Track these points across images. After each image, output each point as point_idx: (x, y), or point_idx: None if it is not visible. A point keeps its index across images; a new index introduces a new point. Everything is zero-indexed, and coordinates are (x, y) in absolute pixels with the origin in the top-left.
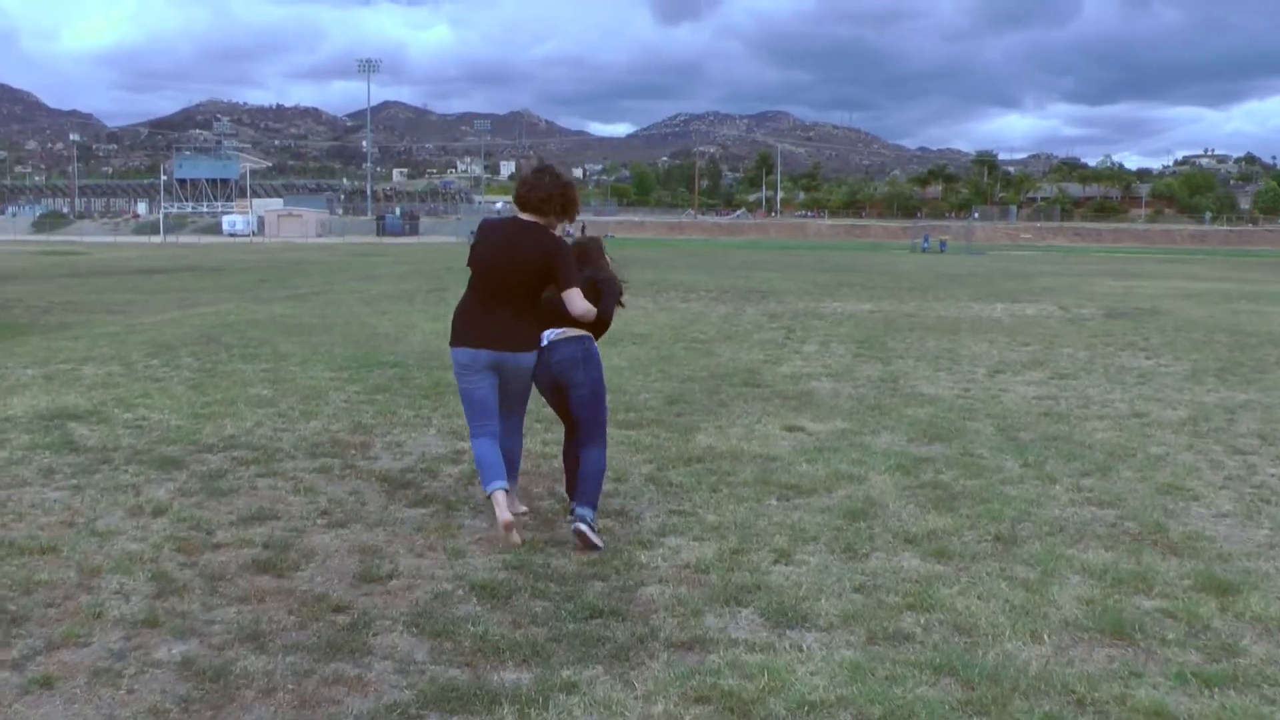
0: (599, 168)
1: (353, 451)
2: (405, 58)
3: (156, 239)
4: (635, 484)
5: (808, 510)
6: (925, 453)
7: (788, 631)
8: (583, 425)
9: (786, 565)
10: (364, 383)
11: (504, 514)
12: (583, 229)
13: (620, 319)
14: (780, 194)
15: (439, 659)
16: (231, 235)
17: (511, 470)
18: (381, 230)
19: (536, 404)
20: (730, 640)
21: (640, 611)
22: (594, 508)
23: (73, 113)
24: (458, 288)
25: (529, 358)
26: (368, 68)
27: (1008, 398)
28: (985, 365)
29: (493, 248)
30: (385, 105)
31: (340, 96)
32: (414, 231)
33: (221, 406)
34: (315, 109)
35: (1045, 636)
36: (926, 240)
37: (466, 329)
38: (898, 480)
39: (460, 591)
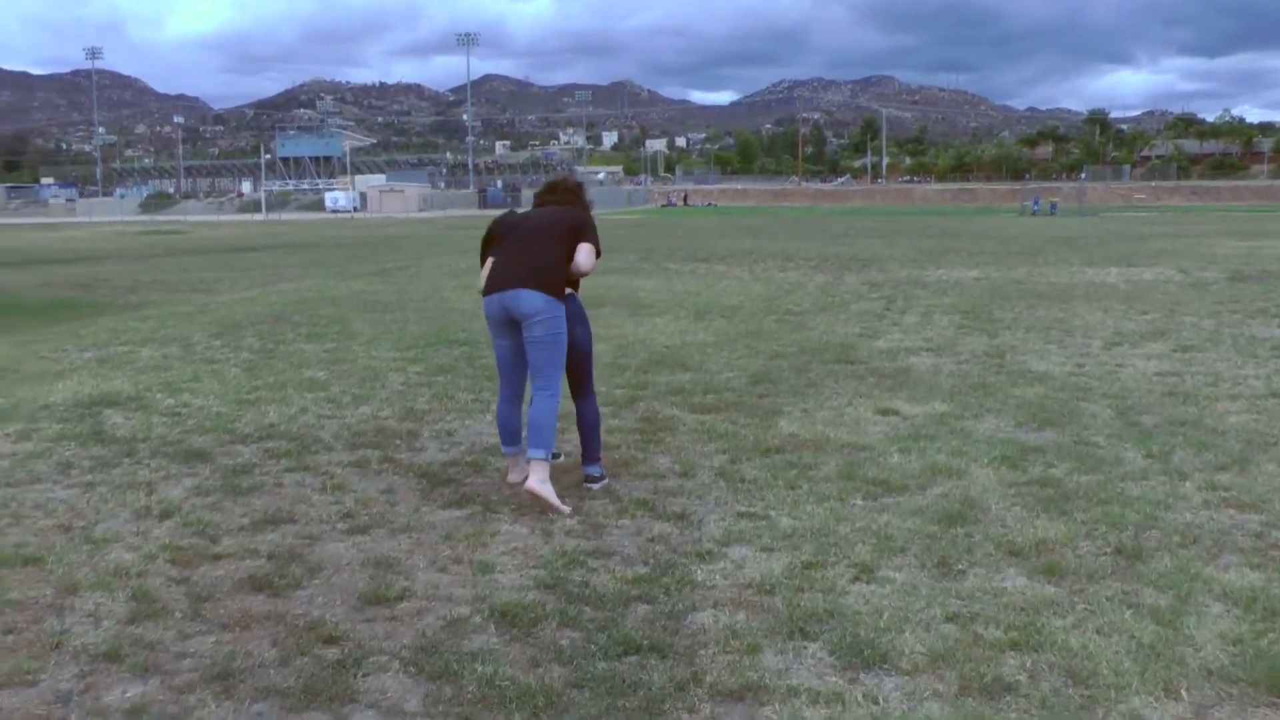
0: (702, 136)
1: (397, 442)
2: (506, 31)
3: (259, 217)
4: (703, 480)
5: (897, 512)
6: (1034, 441)
7: (862, 675)
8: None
9: (867, 584)
10: (427, 363)
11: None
12: (684, 199)
13: (712, 290)
14: (886, 159)
15: (432, 710)
16: (334, 212)
17: (537, 436)
18: (484, 203)
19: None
20: (790, 688)
21: (686, 646)
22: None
23: (180, 97)
24: None
25: (532, 295)
26: (467, 41)
27: (1126, 374)
28: (1100, 337)
29: (513, 220)
30: (487, 79)
31: (442, 71)
32: (516, 203)
33: (270, 391)
34: (417, 85)
35: (1182, 691)
36: (1036, 203)
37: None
38: (1002, 475)
39: (477, 618)
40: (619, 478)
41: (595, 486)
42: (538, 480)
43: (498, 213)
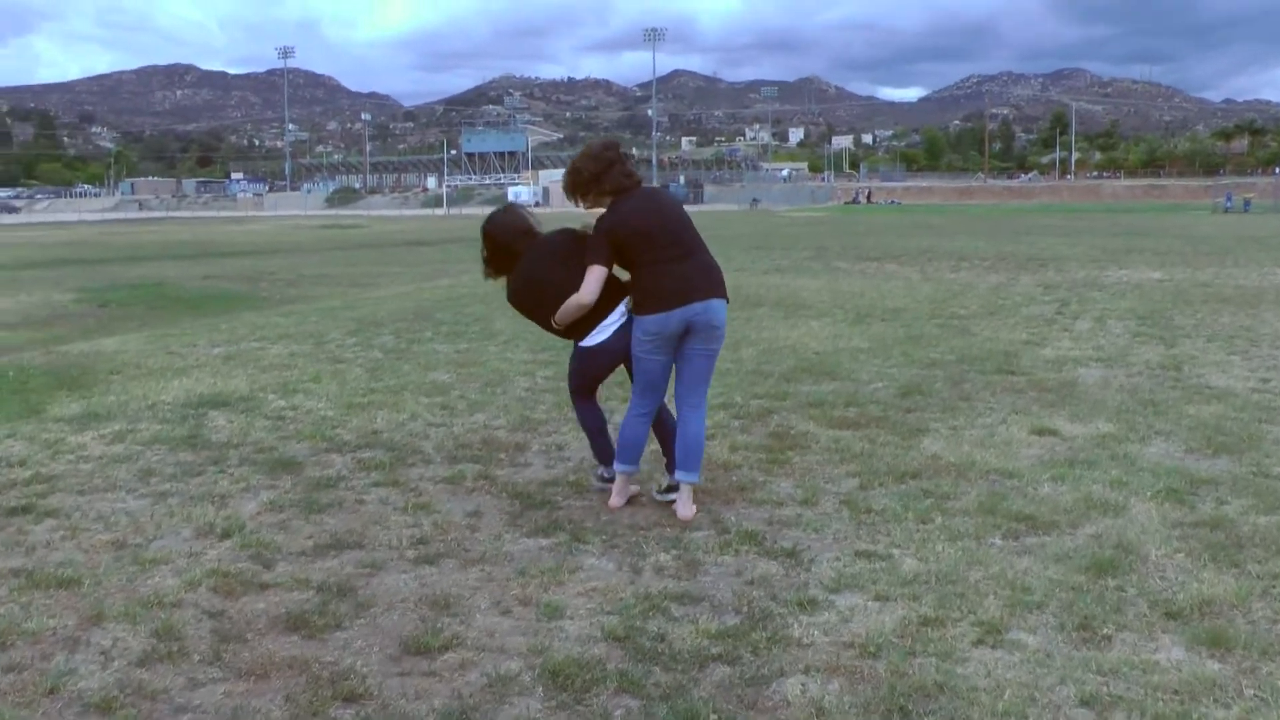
0: (889, 133)
1: (501, 456)
2: (695, 26)
3: (440, 211)
4: (825, 509)
5: (1040, 556)
6: (1206, 470)
7: None
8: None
9: (992, 648)
10: (559, 367)
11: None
12: (868, 196)
13: (877, 291)
14: (1075, 154)
15: None
16: None
17: (696, 459)
18: None
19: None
20: None
21: None
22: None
23: (371, 94)
24: (719, 258)
25: (722, 306)
26: (653, 37)
27: None
28: None
29: (645, 213)
30: (675, 74)
31: (631, 67)
32: (698, 199)
33: (385, 395)
34: (605, 80)
35: None
36: (1229, 199)
37: (665, 292)
38: (1165, 513)
39: (527, 676)
40: (733, 504)
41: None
42: (692, 508)
43: None
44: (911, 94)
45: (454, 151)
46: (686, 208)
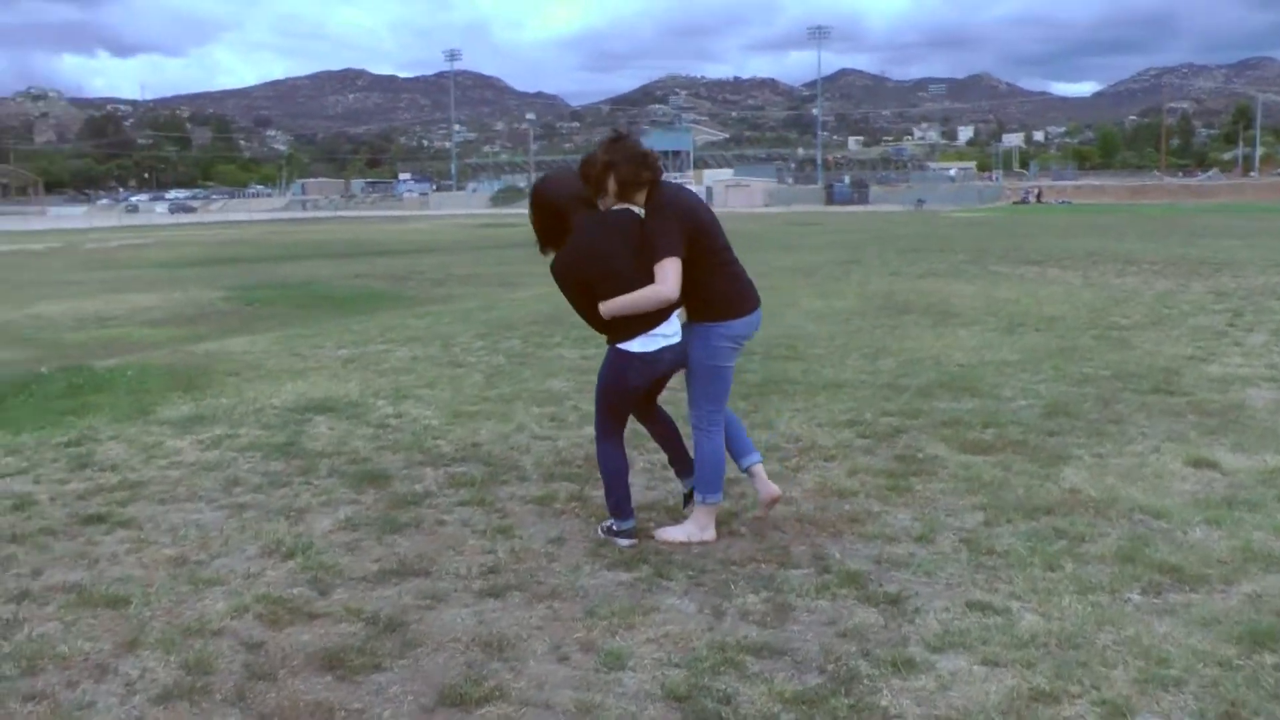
0: (1061, 130)
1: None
2: (863, 24)
3: None
4: (943, 547)
5: (1184, 619)
6: None
7: None
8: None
9: None
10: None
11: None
12: (1038, 195)
13: (1033, 297)
14: (1260, 150)
15: None
16: None
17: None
18: (830, 199)
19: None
20: None
21: None
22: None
23: (538, 94)
24: (873, 260)
25: None
26: (819, 34)
27: None
28: None
29: (702, 207)
30: (842, 73)
31: (798, 66)
32: (863, 200)
33: (497, 404)
34: (772, 80)
35: None
36: None
37: (746, 294)
38: None
39: None
40: (841, 537)
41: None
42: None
43: (839, 210)
44: (1085, 89)
45: None
46: (848, 209)
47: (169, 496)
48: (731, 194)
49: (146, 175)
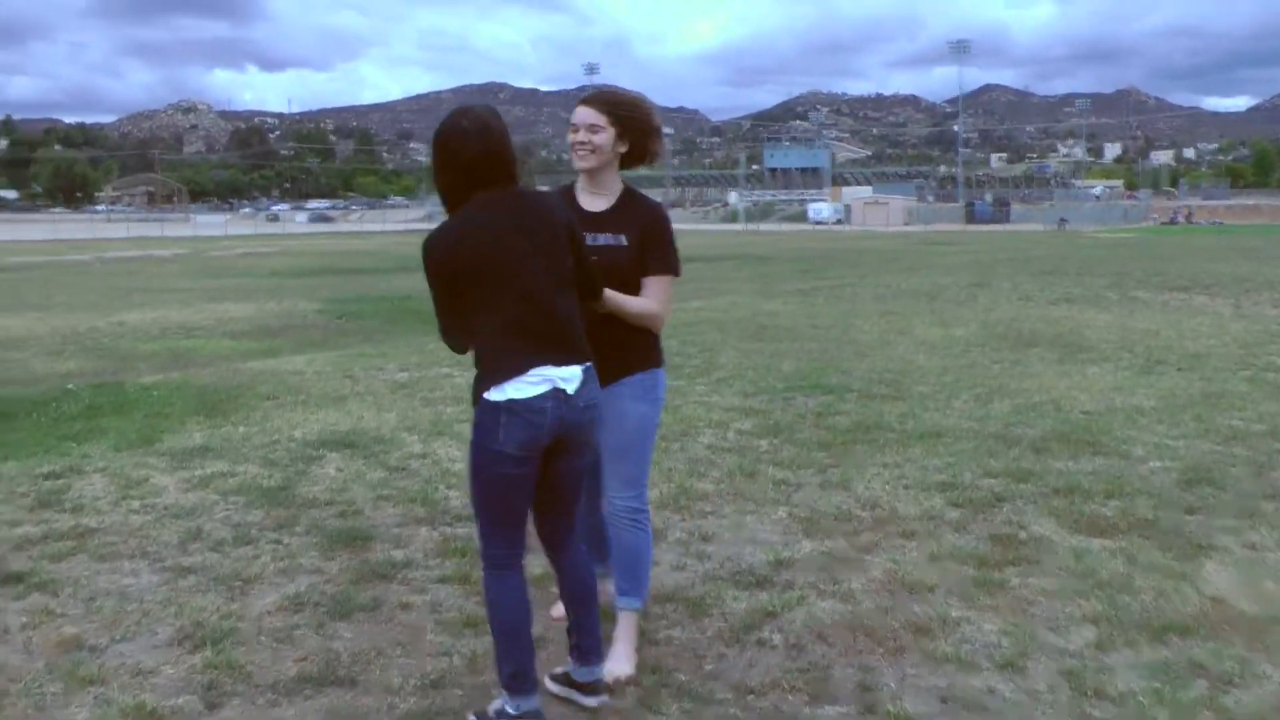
0: (1214, 146)
1: None
2: (1008, 38)
3: (736, 227)
4: (1035, 682)
5: None
6: None
7: None
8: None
9: None
10: (765, 417)
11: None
12: (1188, 215)
13: (1176, 329)
14: None
15: None
16: (816, 223)
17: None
18: (970, 218)
19: None
20: None
21: None
22: None
23: (679, 109)
24: (1003, 284)
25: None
26: (961, 49)
27: None
28: None
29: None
30: (985, 89)
31: (940, 82)
32: (1004, 219)
33: None
34: (914, 96)
35: None
36: None
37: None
38: None
39: None
40: (902, 656)
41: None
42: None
43: (978, 229)
44: (1239, 103)
45: (756, 166)
46: (988, 228)
47: (113, 552)
48: (869, 212)
49: (289, 185)
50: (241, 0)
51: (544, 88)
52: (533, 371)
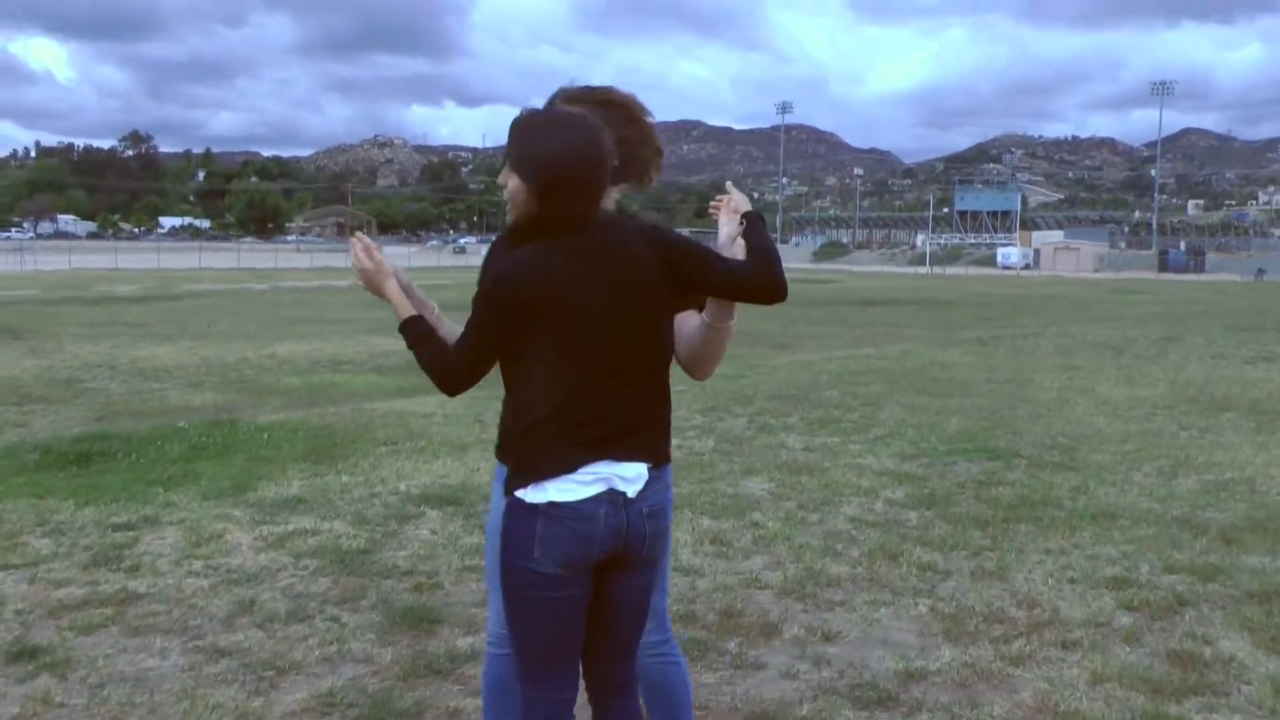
0: None
1: (729, 645)
2: (1211, 81)
3: (922, 270)
4: None
5: None
6: None
7: None
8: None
9: None
10: (920, 484)
11: None
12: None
13: None
14: None
15: None
16: (1005, 268)
17: None
18: (1163, 266)
19: None
20: None
21: None
22: None
23: (872, 150)
24: (1195, 339)
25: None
26: (1160, 91)
27: None
28: None
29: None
30: (1185, 132)
31: (1139, 125)
32: (1199, 268)
33: None
34: (1111, 139)
35: None
36: None
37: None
38: None
39: None
40: None
41: None
42: None
43: (1171, 278)
44: None
45: (945, 209)
46: (1182, 278)
47: (150, 625)
48: (1060, 257)
49: (477, 218)
50: (442, 38)
51: (737, 126)
52: (586, 469)
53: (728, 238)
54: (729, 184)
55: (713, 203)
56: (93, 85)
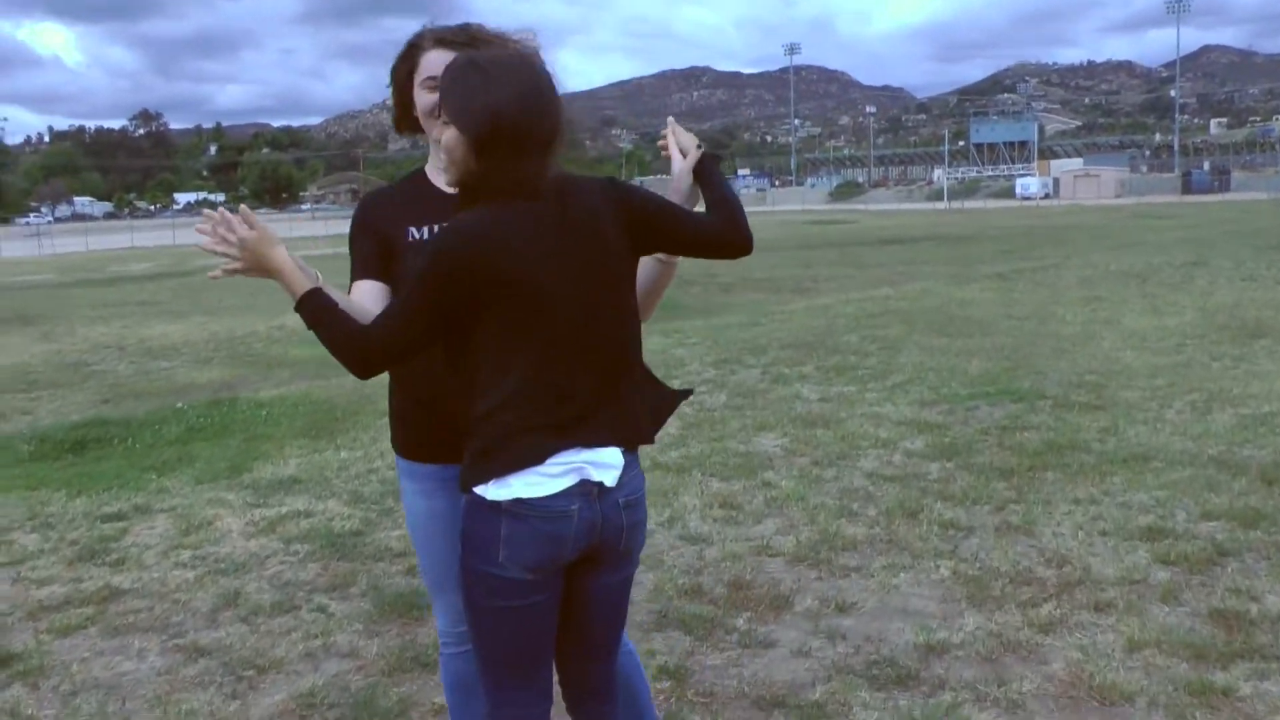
0: None
1: (736, 622)
2: None
3: (940, 205)
4: None
5: None
6: None
7: None
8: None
9: None
10: (940, 433)
11: None
12: None
13: None
14: None
15: None
16: (1024, 198)
17: None
18: (1186, 188)
19: None
20: None
21: None
22: None
23: (884, 87)
24: (1223, 262)
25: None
26: (1177, 9)
27: None
28: None
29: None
30: (1204, 50)
31: (1156, 46)
32: (1224, 188)
33: (666, 472)
34: (1128, 62)
35: None
36: None
37: None
38: None
39: None
40: None
41: None
42: None
43: (1195, 200)
44: None
45: (961, 143)
46: (1206, 199)
47: (130, 624)
48: (1080, 185)
49: None
50: None
51: (746, 70)
52: (555, 459)
53: (681, 173)
54: (670, 120)
55: (660, 142)
56: (101, 67)
